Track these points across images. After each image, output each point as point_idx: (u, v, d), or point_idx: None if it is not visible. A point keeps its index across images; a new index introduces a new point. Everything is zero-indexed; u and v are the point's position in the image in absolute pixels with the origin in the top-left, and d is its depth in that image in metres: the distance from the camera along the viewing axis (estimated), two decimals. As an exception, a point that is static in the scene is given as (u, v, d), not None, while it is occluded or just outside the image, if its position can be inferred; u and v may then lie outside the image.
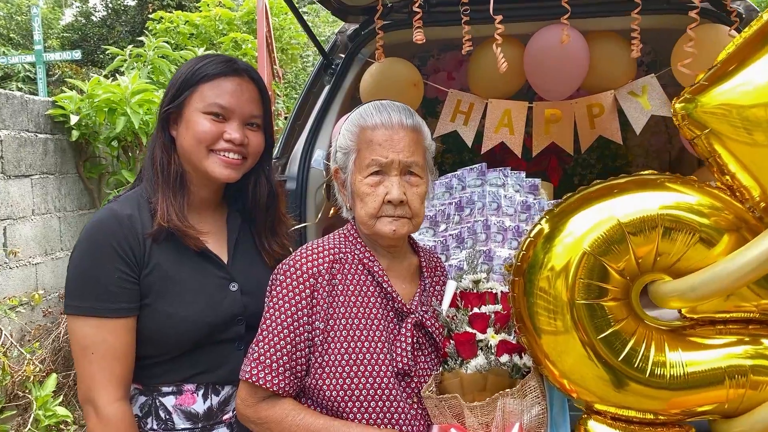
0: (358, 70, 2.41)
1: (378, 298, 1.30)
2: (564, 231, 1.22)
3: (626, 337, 1.16)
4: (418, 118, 1.35)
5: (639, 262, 1.18)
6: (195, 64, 1.44)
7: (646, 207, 1.17)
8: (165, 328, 1.34)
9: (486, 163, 1.91)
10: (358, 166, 1.30)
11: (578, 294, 1.17)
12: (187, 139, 1.40)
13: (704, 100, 1.19)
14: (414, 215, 1.30)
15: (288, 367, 1.25)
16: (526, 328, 1.25)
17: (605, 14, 2.21)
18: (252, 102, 1.44)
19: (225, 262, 1.43)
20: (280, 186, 1.59)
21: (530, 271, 1.23)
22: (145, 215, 1.36)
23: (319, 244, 1.34)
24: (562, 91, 2.28)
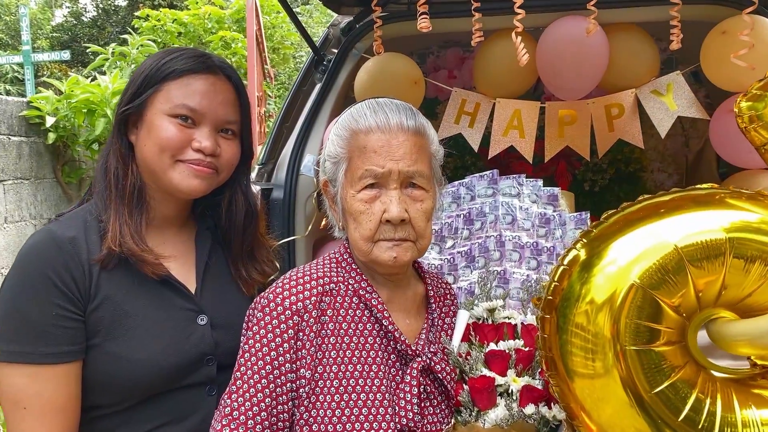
0: (352, 66, 2.18)
1: (377, 339, 1.07)
2: (605, 258, 1.01)
3: (686, 391, 0.95)
4: (421, 119, 1.12)
5: (699, 296, 0.96)
6: (161, 57, 1.22)
7: (708, 229, 0.96)
8: (118, 373, 1.11)
9: (497, 170, 1.68)
10: (349, 179, 1.07)
11: (626, 337, 0.95)
12: (148, 146, 1.17)
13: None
14: (419, 237, 1.07)
15: (266, 425, 1.02)
16: (557, 372, 1.04)
17: (627, 5, 1.99)
18: (227, 105, 1.21)
19: (192, 291, 1.20)
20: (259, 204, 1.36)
21: (564, 305, 1.02)
22: (93, 237, 1.13)
23: (305, 272, 1.10)
24: (578, 90, 2.05)
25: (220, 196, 1.27)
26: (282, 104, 2.29)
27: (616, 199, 3.11)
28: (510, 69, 2.12)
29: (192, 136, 1.17)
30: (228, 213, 1.27)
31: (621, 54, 2.00)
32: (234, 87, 1.25)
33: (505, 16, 2.08)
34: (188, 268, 1.23)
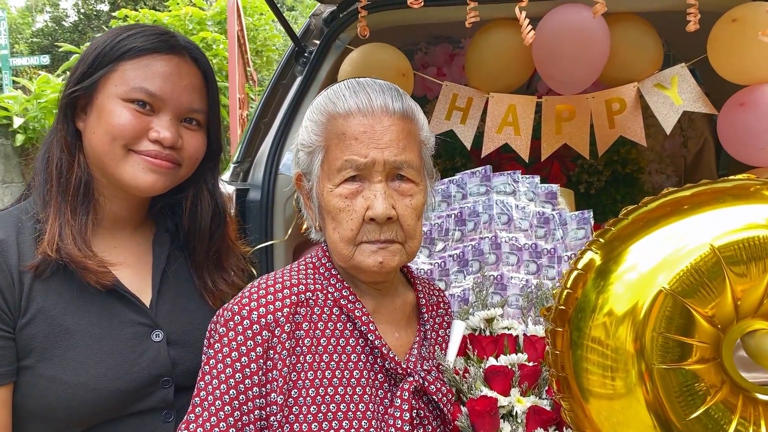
0: (335, 58, 2.04)
1: (361, 356, 0.92)
2: (625, 262, 0.87)
3: (725, 417, 0.80)
4: (409, 101, 0.97)
5: (737, 304, 0.82)
6: (117, 34, 1.07)
7: (749, 225, 0.82)
8: (55, 399, 0.95)
9: (491, 166, 1.55)
10: (327, 171, 0.93)
11: (653, 354, 0.81)
12: (98, 134, 1.02)
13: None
14: (408, 238, 0.92)
15: None
16: (571, 393, 0.89)
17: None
18: (193, 90, 1.08)
19: (146, 304, 1.05)
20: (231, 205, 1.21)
21: (579, 317, 0.87)
22: (27, 240, 0.98)
23: (277, 279, 0.94)
24: (577, 83, 1.92)
25: (183, 194, 1.12)
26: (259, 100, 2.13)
27: (613, 202, 3.00)
28: (505, 61, 1.99)
29: (149, 125, 1.03)
30: (192, 214, 1.12)
31: (623, 45, 1.87)
32: (201, 71, 1.11)
33: (499, 5, 1.96)
34: (143, 277, 1.08)
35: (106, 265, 1.01)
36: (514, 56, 1.94)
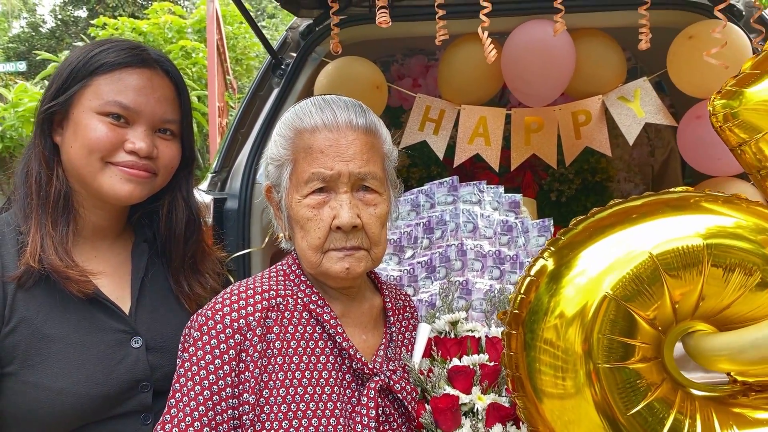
0: (312, 70, 2.10)
1: (330, 357, 0.98)
2: (575, 268, 0.93)
3: (664, 412, 0.87)
4: (372, 116, 1.03)
5: (675, 307, 0.89)
6: (90, 49, 1.12)
7: (684, 235, 0.89)
8: (37, 405, 0.99)
9: (458, 177, 1.61)
10: (295, 183, 0.98)
11: (599, 354, 0.87)
12: (75, 148, 1.06)
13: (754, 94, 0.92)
14: (373, 245, 0.98)
15: None
16: (525, 392, 0.95)
17: (593, 9, 1.95)
18: (165, 102, 1.12)
19: (126, 311, 1.09)
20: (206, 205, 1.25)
21: (532, 320, 0.93)
22: (10, 251, 1.02)
23: (248, 285, 1.00)
24: (544, 96, 2.00)
25: (159, 203, 1.16)
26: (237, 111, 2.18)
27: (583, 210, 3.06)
28: (475, 75, 2.07)
29: (125, 137, 1.07)
30: (167, 221, 1.16)
31: (588, 59, 1.96)
32: (173, 83, 1.15)
33: (469, 20, 2.03)
34: (122, 285, 1.12)
35: (87, 275, 1.05)
36: (484, 70, 2.02)
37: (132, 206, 1.15)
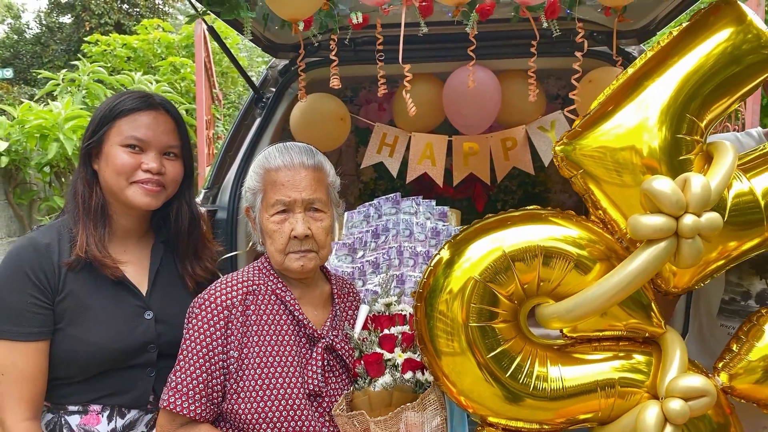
0: (288, 104, 2.52)
1: (290, 326, 1.40)
2: (462, 258, 1.34)
3: (514, 355, 1.30)
4: (320, 157, 1.45)
5: (524, 287, 1.31)
6: (113, 101, 1.53)
7: (529, 238, 1.32)
8: (74, 352, 1.41)
9: (400, 193, 2.04)
10: (264, 205, 1.40)
11: (471, 317, 1.30)
12: (107, 172, 1.47)
13: (582, 143, 1.34)
14: (320, 247, 1.40)
15: (204, 394, 1.33)
16: (427, 350, 1.36)
17: (515, 56, 2.39)
18: (168, 133, 1.52)
19: (143, 292, 1.50)
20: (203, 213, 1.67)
21: (431, 296, 1.34)
22: (65, 245, 1.43)
23: (234, 277, 1.42)
24: (477, 126, 2.45)
25: (169, 208, 1.57)
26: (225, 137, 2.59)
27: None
28: (422, 108, 2.49)
29: (141, 160, 1.47)
30: (176, 221, 1.57)
31: (512, 96, 2.40)
32: (173, 119, 1.55)
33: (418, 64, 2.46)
34: (142, 273, 1.53)
35: (117, 263, 1.46)
36: (429, 104, 2.45)
37: (151, 212, 1.55)
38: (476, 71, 2.35)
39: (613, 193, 1.32)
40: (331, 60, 2.48)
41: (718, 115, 1.32)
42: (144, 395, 1.47)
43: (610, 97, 1.36)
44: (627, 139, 1.30)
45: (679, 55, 1.32)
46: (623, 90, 1.35)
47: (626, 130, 1.31)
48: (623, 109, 1.33)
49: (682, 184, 1.17)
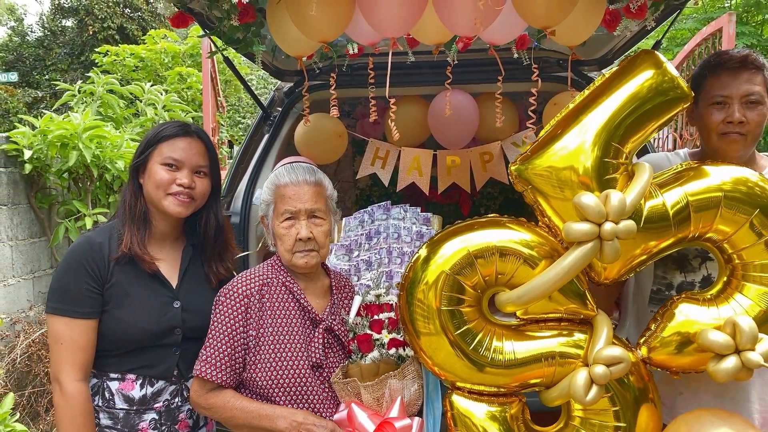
0: (292, 122, 2.85)
1: (297, 311, 1.74)
2: (436, 256, 1.67)
3: (476, 333, 1.63)
4: (320, 175, 1.79)
5: (485, 279, 1.64)
6: (158, 128, 1.86)
7: (489, 240, 1.65)
8: (117, 330, 1.74)
9: (390, 201, 2.37)
10: (276, 214, 1.74)
11: (443, 303, 1.63)
12: (149, 185, 1.80)
13: (534, 164, 1.68)
14: (320, 247, 1.74)
15: (229, 365, 1.66)
16: (408, 331, 1.69)
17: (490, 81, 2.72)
18: (199, 155, 1.85)
19: (173, 285, 1.83)
20: (227, 221, 2.00)
21: (411, 287, 1.68)
22: (114, 243, 1.76)
23: (252, 272, 1.76)
24: (458, 142, 2.78)
25: (198, 217, 1.90)
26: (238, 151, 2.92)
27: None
28: (410, 125, 2.84)
29: (176, 177, 1.80)
30: (204, 227, 1.89)
31: (488, 116, 2.74)
32: (204, 143, 1.88)
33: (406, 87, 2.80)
34: (174, 269, 1.86)
35: (154, 260, 1.78)
36: (416, 123, 2.79)
37: (183, 219, 1.88)
38: (456, 95, 2.70)
39: (556, 205, 1.65)
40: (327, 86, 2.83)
41: (639, 142, 1.66)
42: (169, 369, 1.79)
43: (555, 125, 1.69)
44: (567, 161, 1.64)
45: (608, 93, 1.66)
46: (566, 120, 1.68)
47: (567, 153, 1.64)
48: (565, 137, 1.66)
49: (604, 199, 1.50)
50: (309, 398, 1.69)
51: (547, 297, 1.62)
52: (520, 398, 1.70)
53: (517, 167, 1.70)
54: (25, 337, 4.16)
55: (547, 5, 1.73)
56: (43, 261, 5.01)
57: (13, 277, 4.62)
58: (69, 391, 1.68)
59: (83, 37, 15.19)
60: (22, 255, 4.72)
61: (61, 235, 4.74)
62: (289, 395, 1.68)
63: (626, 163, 1.64)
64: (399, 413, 1.68)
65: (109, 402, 1.75)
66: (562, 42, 2.04)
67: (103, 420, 1.74)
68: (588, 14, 1.86)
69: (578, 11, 1.79)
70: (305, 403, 1.69)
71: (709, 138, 1.82)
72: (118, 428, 1.74)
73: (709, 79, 1.81)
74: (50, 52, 15.96)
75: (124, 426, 1.74)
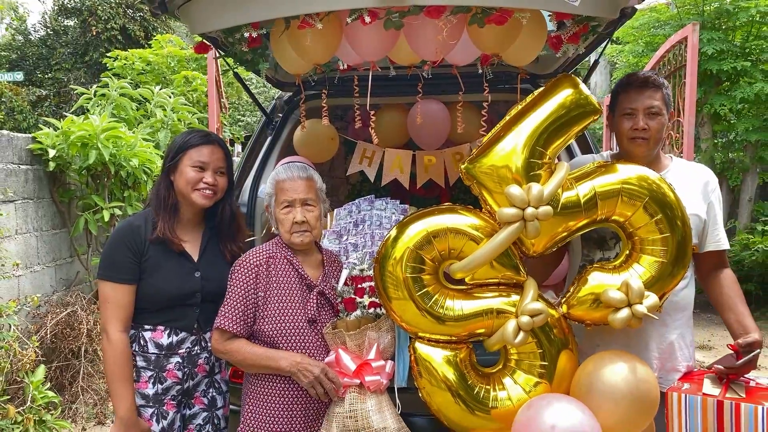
0: (291, 126, 3.31)
1: (296, 278, 2.22)
2: (403, 235, 2.14)
3: (432, 294, 2.10)
4: (310, 171, 2.27)
5: (441, 253, 2.12)
6: (186, 136, 2.33)
7: (443, 222, 2.13)
8: (150, 293, 2.21)
9: (374, 195, 2.84)
10: (276, 203, 2.22)
11: (407, 271, 2.11)
12: (181, 182, 2.27)
13: (480, 162, 2.14)
14: (312, 228, 2.22)
15: (242, 318, 2.14)
16: (382, 296, 2.16)
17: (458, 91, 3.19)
18: (220, 159, 2.32)
19: (195, 260, 2.30)
20: (239, 210, 2.48)
21: (383, 260, 2.15)
22: (149, 226, 2.24)
23: (261, 248, 2.25)
24: (433, 144, 3.26)
25: (217, 207, 2.38)
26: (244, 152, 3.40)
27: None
28: (392, 130, 3.32)
29: (202, 176, 2.27)
30: (221, 215, 2.37)
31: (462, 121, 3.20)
32: (222, 149, 2.35)
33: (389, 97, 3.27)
34: (196, 247, 2.33)
35: (180, 241, 2.25)
36: (397, 127, 3.26)
37: (205, 209, 2.35)
38: (431, 104, 3.18)
39: (495, 196, 2.12)
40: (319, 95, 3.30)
41: (561, 146, 2.13)
42: (190, 323, 2.26)
43: (496, 132, 2.16)
44: (504, 161, 2.10)
45: (536, 107, 2.12)
46: (504, 128, 2.15)
47: (504, 154, 2.11)
48: (503, 141, 2.13)
49: (527, 190, 1.98)
50: (305, 345, 2.17)
51: (489, 265, 2.09)
52: (467, 345, 2.17)
53: (466, 166, 2.17)
54: (51, 317, 4.64)
55: (494, 37, 2.20)
56: (64, 250, 5.49)
57: (39, 264, 5.10)
58: (113, 340, 2.16)
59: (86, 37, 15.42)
60: (45, 244, 5.20)
61: (81, 226, 5.23)
62: (289, 343, 2.15)
63: (549, 162, 2.11)
64: (375, 356, 2.16)
65: (144, 348, 2.23)
66: (512, 63, 2.51)
67: (139, 362, 2.22)
68: (531, 42, 2.32)
69: (522, 40, 2.26)
70: (302, 349, 2.16)
71: (621, 141, 2.29)
72: (151, 368, 2.22)
73: (621, 95, 2.29)
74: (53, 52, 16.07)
75: (155, 366, 2.22)
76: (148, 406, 2.21)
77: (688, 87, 5.82)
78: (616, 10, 2.12)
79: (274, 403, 2.14)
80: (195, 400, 2.30)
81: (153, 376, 2.22)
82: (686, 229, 2.07)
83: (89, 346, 4.71)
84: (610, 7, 2.08)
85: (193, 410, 2.30)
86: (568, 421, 1.84)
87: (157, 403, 2.21)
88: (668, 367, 2.25)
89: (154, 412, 2.21)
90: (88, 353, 4.70)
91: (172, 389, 2.24)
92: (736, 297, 2.24)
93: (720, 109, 7.29)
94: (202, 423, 2.30)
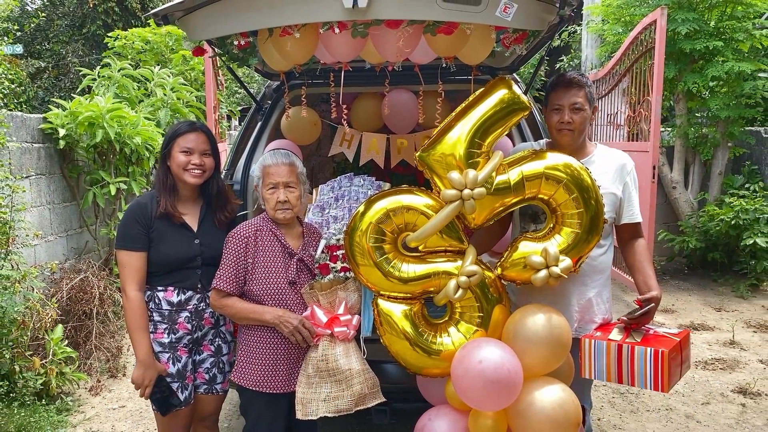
0: (279, 112, 3.74)
1: (279, 247, 2.68)
2: (369, 211, 2.60)
3: (390, 259, 2.56)
4: (292, 158, 2.71)
5: (398, 226, 2.58)
6: (175, 128, 2.77)
7: (400, 200, 2.58)
8: (159, 258, 2.67)
9: (353, 173, 3.28)
10: (263, 185, 2.66)
11: (370, 241, 2.56)
12: (174, 166, 2.72)
13: (432, 151, 2.58)
14: (293, 206, 2.66)
15: (234, 279, 2.61)
16: (351, 262, 2.63)
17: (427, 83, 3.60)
18: (204, 143, 2.75)
19: (195, 230, 2.76)
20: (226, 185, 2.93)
21: (352, 232, 2.60)
22: (154, 204, 2.69)
23: (250, 222, 2.70)
24: (405, 129, 3.68)
25: (208, 184, 2.82)
26: (237, 135, 3.83)
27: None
28: (369, 115, 3.74)
29: (190, 158, 2.71)
30: (211, 191, 2.82)
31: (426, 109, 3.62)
32: (206, 134, 2.78)
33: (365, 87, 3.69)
34: (194, 220, 2.78)
35: (181, 214, 2.71)
36: (373, 113, 3.68)
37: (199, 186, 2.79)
38: (402, 93, 3.59)
39: (443, 180, 2.57)
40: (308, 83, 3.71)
41: (496, 137, 2.57)
42: (194, 283, 2.72)
43: (446, 123, 2.59)
44: (450, 150, 2.54)
45: (477, 104, 2.55)
46: (452, 120, 2.58)
47: (451, 143, 2.55)
48: (450, 132, 2.56)
49: (465, 175, 2.42)
50: (286, 303, 2.64)
51: (437, 235, 2.54)
52: (420, 301, 2.64)
53: (420, 154, 2.61)
54: (66, 282, 5.12)
55: (446, 43, 2.62)
56: (74, 221, 5.95)
57: (52, 234, 5.57)
58: (131, 297, 2.63)
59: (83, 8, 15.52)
60: (57, 216, 5.66)
61: (90, 199, 5.68)
62: (273, 301, 2.62)
63: (486, 151, 2.55)
64: (344, 312, 2.63)
65: (159, 305, 2.70)
66: (466, 62, 2.92)
67: (155, 317, 2.70)
68: (480, 46, 2.73)
69: (472, 44, 2.68)
70: (284, 306, 2.63)
71: (551, 133, 2.73)
72: (165, 322, 2.70)
73: (551, 93, 2.72)
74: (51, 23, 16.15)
75: (169, 320, 2.70)
76: (164, 351, 2.69)
77: (656, 68, 6.22)
78: (544, 24, 2.53)
79: (262, 348, 2.62)
80: (203, 348, 2.78)
81: (167, 328, 2.69)
82: (599, 206, 2.52)
83: (100, 309, 5.20)
84: (538, 22, 2.49)
85: (202, 356, 2.78)
86: (493, 356, 2.32)
87: (171, 349, 2.70)
88: (586, 319, 2.72)
89: (170, 357, 2.69)
90: (99, 315, 5.19)
91: (184, 338, 2.72)
92: (645, 261, 2.70)
93: (693, 86, 7.66)
94: (209, 366, 2.79)
